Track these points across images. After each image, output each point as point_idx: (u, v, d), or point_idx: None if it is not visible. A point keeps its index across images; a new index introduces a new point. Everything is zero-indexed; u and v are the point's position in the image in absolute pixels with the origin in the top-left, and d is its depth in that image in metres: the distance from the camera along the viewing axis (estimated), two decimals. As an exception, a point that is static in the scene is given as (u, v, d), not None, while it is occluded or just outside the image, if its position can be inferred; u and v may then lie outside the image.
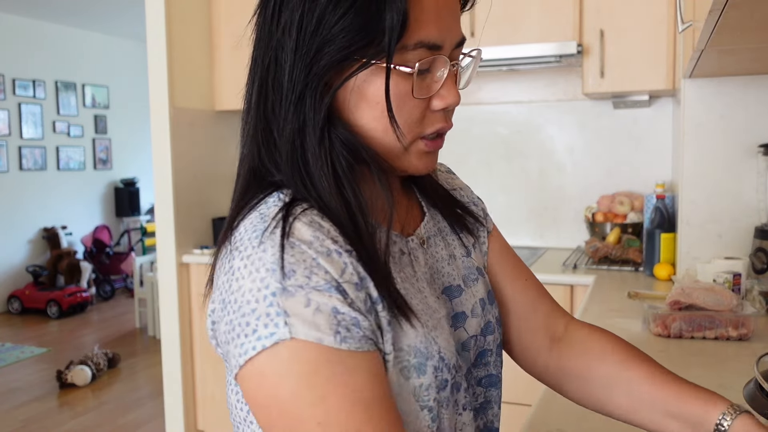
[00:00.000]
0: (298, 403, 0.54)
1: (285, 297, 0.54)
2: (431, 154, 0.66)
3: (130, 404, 3.68)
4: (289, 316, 0.54)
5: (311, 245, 0.57)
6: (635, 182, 2.66)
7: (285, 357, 0.54)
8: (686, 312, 1.45)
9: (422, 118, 0.63)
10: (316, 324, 0.54)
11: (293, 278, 0.55)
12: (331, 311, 0.55)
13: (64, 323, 5.53)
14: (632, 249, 2.34)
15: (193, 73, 2.80)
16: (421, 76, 0.61)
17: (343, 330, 0.55)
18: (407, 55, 0.60)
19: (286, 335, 0.53)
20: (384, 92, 0.60)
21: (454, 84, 0.64)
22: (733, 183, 1.92)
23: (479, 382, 0.74)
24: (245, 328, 0.55)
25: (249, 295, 0.55)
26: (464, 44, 0.65)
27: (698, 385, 0.71)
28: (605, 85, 2.36)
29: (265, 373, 0.55)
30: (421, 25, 0.59)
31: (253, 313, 0.55)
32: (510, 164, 2.88)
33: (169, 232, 2.79)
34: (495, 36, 2.47)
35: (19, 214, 6.19)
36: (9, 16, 6.05)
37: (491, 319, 0.75)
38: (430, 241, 0.73)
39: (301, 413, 0.53)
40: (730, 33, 1.19)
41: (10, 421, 3.48)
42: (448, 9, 0.61)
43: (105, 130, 7.09)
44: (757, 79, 1.88)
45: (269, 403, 0.55)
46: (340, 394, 0.53)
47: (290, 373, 0.54)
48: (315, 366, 0.54)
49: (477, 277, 0.76)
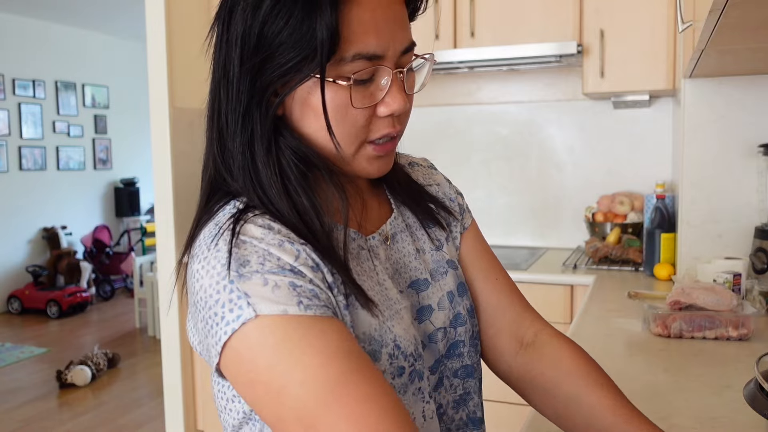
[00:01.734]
0: (277, 371, 0.55)
1: (242, 281, 0.57)
2: (382, 158, 0.68)
3: (130, 404, 3.68)
4: (250, 296, 0.57)
5: (262, 240, 0.60)
6: (635, 182, 2.66)
7: (254, 334, 0.56)
8: (686, 312, 1.45)
9: (368, 125, 0.65)
10: (277, 298, 0.57)
11: (248, 266, 0.58)
12: (288, 285, 0.58)
13: (64, 323, 5.53)
14: (632, 249, 2.34)
15: (193, 73, 2.80)
16: (363, 85, 0.63)
17: (304, 299, 0.58)
18: (346, 66, 0.62)
19: (251, 314, 0.56)
20: (320, 103, 0.63)
21: (400, 91, 0.65)
22: (733, 183, 1.92)
23: (455, 374, 0.76)
24: (214, 318, 0.58)
25: (210, 290, 0.59)
26: (413, 49, 0.67)
27: (655, 425, 0.71)
28: (605, 85, 2.36)
29: (241, 353, 0.57)
30: (357, 38, 0.61)
31: (216, 303, 0.58)
32: (510, 164, 2.88)
33: (169, 232, 2.79)
34: (495, 36, 2.47)
35: (19, 214, 6.19)
36: (9, 16, 6.05)
37: (461, 311, 0.77)
38: (396, 237, 0.76)
39: (282, 380, 0.55)
40: (730, 33, 1.19)
41: (10, 421, 3.48)
42: (387, 19, 0.63)
43: (105, 130, 7.09)
44: (757, 79, 1.88)
45: (252, 381, 0.57)
46: (315, 353, 0.55)
47: (263, 346, 0.56)
48: (284, 334, 0.56)
49: (447, 270, 0.78)
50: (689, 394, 1.14)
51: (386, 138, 0.67)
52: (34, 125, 6.34)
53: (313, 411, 0.54)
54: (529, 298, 2.41)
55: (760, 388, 0.76)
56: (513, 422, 2.20)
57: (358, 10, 0.61)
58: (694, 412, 1.05)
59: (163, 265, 2.83)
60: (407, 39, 0.66)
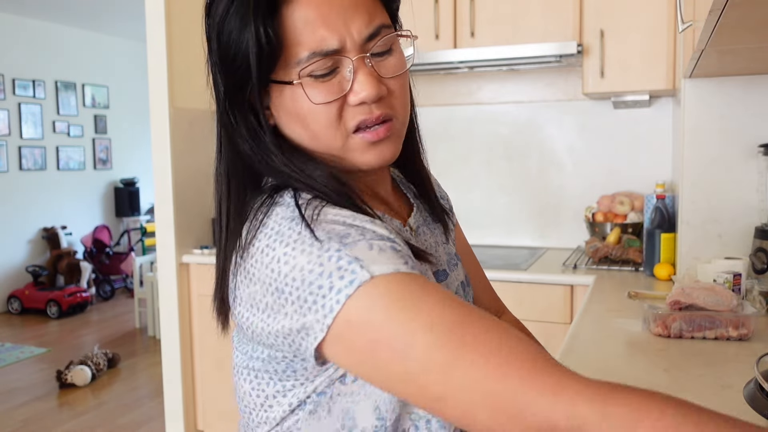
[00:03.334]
0: (401, 324, 0.55)
1: (350, 248, 0.58)
2: (376, 145, 0.68)
3: (130, 404, 3.68)
4: (361, 260, 0.57)
5: (353, 218, 0.61)
6: (635, 182, 2.66)
7: (373, 294, 0.56)
8: (686, 312, 1.45)
9: (341, 117, 0.65)
10: (387, 259, 0.58)
11: (349, 237, 0.59)
12: (390, 248, 0.59)
13: (64, 323, 5.53)
14: (632, 249, 2.34)
15: (193, 73, 2.80)
16: (325, 79, 0.64)
17: (409, 260, 0.60)
18: (307, 67, 0.63)
19: (366, 276, 0.56)
20: (293, 106, 0.65)
21: (368, 76, 0.65)
22: (733, 183, 1.92)
23: None
24: (318, 293, 0.57)
25: (309, 266, 0.58)
26: (381, 32, 0.66)
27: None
28: (605, 85, 2.36)
29: (359, 318, 0.56)
30: (307, 37, 0.62)
31: (321, 276, 0.57)
32: (510, 164, 2.88)
33: (169, 232, 2.79)
34: (495, 36, 2.47)
35: (19, 214, 6.19)
36: (9, 16, 6.05)
37: (470, 301, 0.82)
38: (419, 230, 0.78)
39: (408, 330, 0.55)
40: (730, 33, 1.19)
41: (10, 421, 3.48)
42: (336, 11, 0.63)
43: (105, 130, 7.09)
44: (757, 79, 1.88)
45: (374, 343, 0.56)
46: (433, 302, 0.56)
47: (383, 305, 0.56)
48: (401, 290, 0.56)
49: (456, 263, 0.82)
50: (689, 394, 1.14)
51: (372, 123, 0.66)
52: (34, 125, 6.33)
53: (448, 351, 0.54)
54: (529, 298, 2.41)
55: (760, 388, 0.76)
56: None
57: (300, 9, 0.62)
58: (694, 412, 1.05)
59: (163, 265, 2.83)
60: (369, 24, 0.65)
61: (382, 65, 0.67)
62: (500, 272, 2.28)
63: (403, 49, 0.71)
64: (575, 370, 0.57)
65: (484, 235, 2.92)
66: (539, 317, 2.23)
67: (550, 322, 2.22)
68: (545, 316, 2.23)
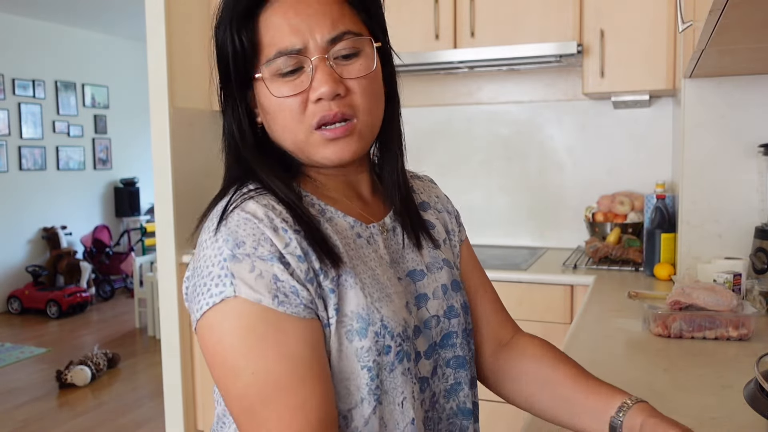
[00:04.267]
0: (235, 353, 0.64)
1: (234, 262, 0.65)
2: (335, 142, 0.73)
3: (130, 404, 3.68)
4: (235, 278, 0.64)
5: (262, 221, 0.67)
6: (635, 182, 2.66)
7: (228, 311, 0.64)
8: (686, 312, 1.45)
9: (303, 112, 0.72)
10: (258, 287, 0.64)
11: (242, 248, 0.66)
12: (271, 278, 0.65)
13: (64, 323, 5.53)
14: (632, 249, 2.34)
15: (193, 73, 2.80)
16: (290, 77, 0.72)
17: (281, 295, 0.65)
18: (275, 65, 0.71)
19: (231, 293, 0.64)
20: (264, 102, 0.74)
21: (325, 75, 0.71)
22: (733, 183, 1.92)
23: (448, 364, 0.81)
24: (203, 288, 0.67)
25: (208, 261, 0.67)
26: (344, 37, 0.73)
27: (608, 383, 0.79)
28: (605, 85, 2.36)
29: (213, 325, 0.65)
30: (275, 39, 0.71)
31: (209, 275, 0.66)
32: (510, 164, 2.88)
33: (169, 232, 2.79)
34: (495, 36, 2.47)
35: (19, 214, 6.19)
36: (9, 16, 6.05)
37: (455, 305, 0.82)
38: (396, 230, 0.82)
39: (237, 363, 0.64)
40: (730, 33, 1.19)
41: (9, 421, 3.48)
42: (302, 18, 0.71)
43: (105, 130, 7.09)
44: (757, 79, 1.88)
45: (215, 353, 0.66)
46: (271, 348, 0.63)
47: (231, 326, 0.64)
48: (252, 321, 0.64)
49: (442, 266, 0.83)
50: (689, 394, 1.14)
51: (330, 121, 0.72)
52: (34, 125, 6.33)
53: (253, 400, 0.63)
54: (529, 298, 2.41)
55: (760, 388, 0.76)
56: (513, 422, 2.20)
57: (272, 16, 0.72)
58: (694, 412, 1.05)
59: (163, 265, 2.83)
60: (332, 29, 0.72)
61: (345, 68, 0.73)
62: (500, 272, 2.28)
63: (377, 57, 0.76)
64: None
65: (484, 235, 2.92)
66: (539, 317, 2.23)
67: (550, 322, 2.22)
68: (545, 316, 2.23)
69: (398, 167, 0.83)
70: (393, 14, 2.58)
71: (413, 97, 2.93)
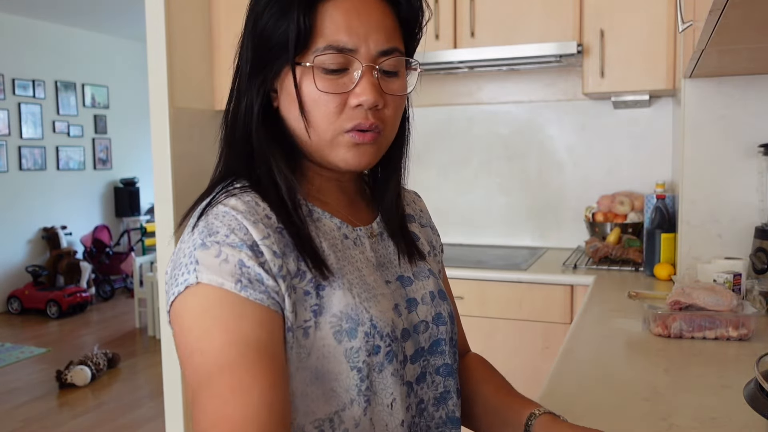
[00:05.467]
0: (192, 335, 0.64)
1: (201, 250, 0.66)
2: (360, 147, 0.74)
3: (130, 404, 3.68)
4: (199, 264, 0.65)
5: (242, 213, 0.68)
6: (635, 182, 2.66)
7: (189, 298, 0.65)
8: (686, 312, 1.45)
9: (340, 113, 0.72)
10: (221, 272, 0.64)
11: (214, 236, 0.66)
12: (237, 263, 0.65)
13: (64, 323, 5.53)
14: (632, 249, 2.34)
15: (193, 73, 2.80)
16: (335, 74, 0.71)
17: (244, 280, 0.65)
18: (320, 57, 0.71)
19: (194, 280, 0.65)
20: (302, 90, 0.72)
21: (371, 84, 0.72)
22: (733, 183, 1.92)
23: (437, 371, 0.82)
24: (173, 280, 0.68)
25: (181, 253, 0.68)
26: (394, 54, 0.74)
27: (525, 397, 0.85)
28: (605, 85, 2.36)
29: (178, 313, 0.66)
30: (330, 33, 0.71)
31: (180, 266, 0.67)
32: (510, 164, 2.88)
33: (169, 232, 2.78)
34: (495, 36, 2.47)
35: (19, 214, 6.19)
36: (9, 16, 6.05)
37: (442, 312, 0.83)
38: (383, 236, 0.83)
39: (191, 345, 0.64)
40: (730, 33, 1.19)
41: (10, 421, 3.48)
42: (362, 21, 0.72)
43: (105, 130, 7.09)
44: (757, 79, 1.88)
45: (178, 342, 0.66)
46: (222, 332, 0.63)
47: (191, 311, 0.65)
48: (209, 304, 0.64)
49: (428, 276, 0.85)
50: (689, 394, 1.14)
51: (365, 128, 0.72)
52: (34, 125, 6.33)
53: (199, 381, 0.62)
54: (530, 298, 2.41)
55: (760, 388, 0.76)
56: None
57: (333, 11, 0.71)
58: (694, 412, 1.05)
59: (163, 265, 2.83)
60: (386, 42, 0.73)
61: (386, 83, 0.74)
62: (500, 272, 2.28)
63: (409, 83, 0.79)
64: (575, 370, 0.57)
65: (484, 235, 2.92)
66: (539, 317, 2.23)
67: (550, 322, 2.22)
68: (545, 316, 2.23)
69: (398, 181, 0.85)
70: (393, 14, 2.58)
71: (413, 97, 2.93)
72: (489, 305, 2.29)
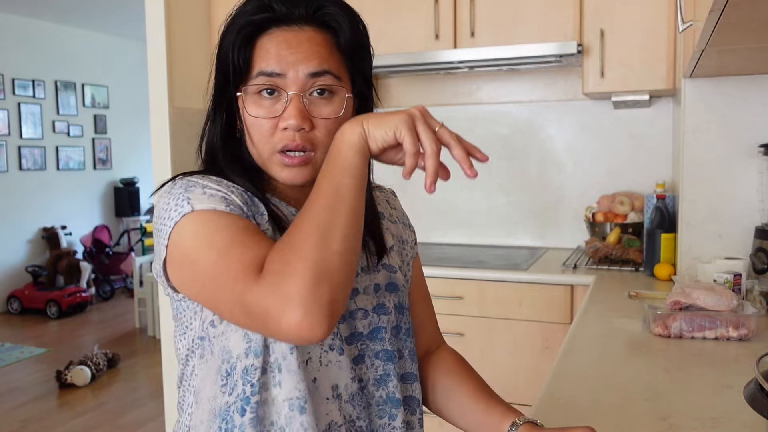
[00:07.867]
0: (198, 242, 0.73)
1: (188, 191, 0.77)
2: (290, 169, 0.82)
3: (129, 404, 3.68)
4: (191, 199, 0.76)
5: (208, 178, 0.80)
6: (635, 182, 2.66)
7: (189, 222, 0.74)
8: (686, 312, 1.45)
9: (272, 135, 0.81)
10: (211, 201, 0.76)
11: (194, 187, 0.77)
12: (221, 196, 0.77)
13: (64, 323, 5.53)
14: (632, 249, 2.34)
15: (193, 73, 2.80)
16: (266, 99, 0.81)
17: (232, 206, 0.76)
18: (252, 85, 0.81)
19: (189, 209, 0.75)
20: (243, 115, 0.83)
21: (297, 109, 0.80)
22: (733, 183, 1.92)
23: (377, 355, 0.88)
24: (164, 223, 0.76)
25: (164, 205, 0.77)
26: (324, 76, 0.80)
27: (505, 403, 0.90)
28: (605, 85, 2.36)
29: (178, 240, 0.75)
30: (262, 61, 0.80)
31: (167, 210, 0.76)
32: (510, 164, 2.88)
33: (169, 232, 2.79)
34: (495, 36, 2.47)
35: (19, 214, 6.19)
36: (9, 16, 6.05)
37: (386, 303, 0.89)
38: None
39: (203, 253, 0.72)
40: (730, 33, 1.19)
41: (9, 421, 3.48)
42: (291, 48, 0.80)
43: (105, 129, 7.09)
44: (757, 79, 1.88)
45: (185, 261, 0.75)
46: (224, 230, 0.73)
47: (192, 231, 0.74)
48: (208, 219, 0.74)
49: (380, 269, 0.91)
50: (689, 394, 1.14)
51: (292, 150, 0.81)
52: (34, 125, 6.33)
53: (217, 261, 0.71)
54: (529, 298, 2.41)
55: (760, 388, 0.76)
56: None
57: (267, 43, 0.81)
58: (694, 412, 1.05)
59: (163, 265, 2.83)
60: (316, 66, 0.80)
61: (317, 107, 0.81)
62: (500, 272, 2.28)
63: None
64: (575, 370, 0.57)
65: (484, 235, 2.92)
66: (539, 317, 2.23)
67: (550, 322, 2.22)
68: (545, 316, 2.23)
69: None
70: (393, 14, 2.58)
71: (413, 97, 2.93)
72: (489, 305, 2.29)
